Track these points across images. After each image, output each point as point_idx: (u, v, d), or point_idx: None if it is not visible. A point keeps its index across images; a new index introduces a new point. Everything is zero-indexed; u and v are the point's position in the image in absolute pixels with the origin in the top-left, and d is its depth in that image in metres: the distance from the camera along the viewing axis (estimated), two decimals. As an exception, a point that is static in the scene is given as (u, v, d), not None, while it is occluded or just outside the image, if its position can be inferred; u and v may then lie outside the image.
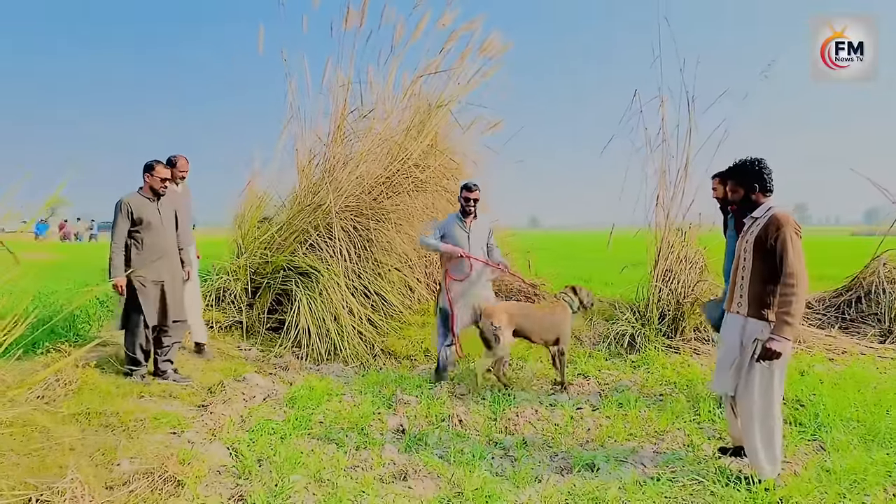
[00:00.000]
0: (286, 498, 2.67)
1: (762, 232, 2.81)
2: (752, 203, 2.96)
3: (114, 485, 2.70)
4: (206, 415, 3.86)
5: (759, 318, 2.82)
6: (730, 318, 3.02)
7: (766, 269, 2.81)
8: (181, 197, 4.87)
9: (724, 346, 3.05)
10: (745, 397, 2.86)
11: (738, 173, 2.99)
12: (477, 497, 2.70)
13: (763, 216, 2.87)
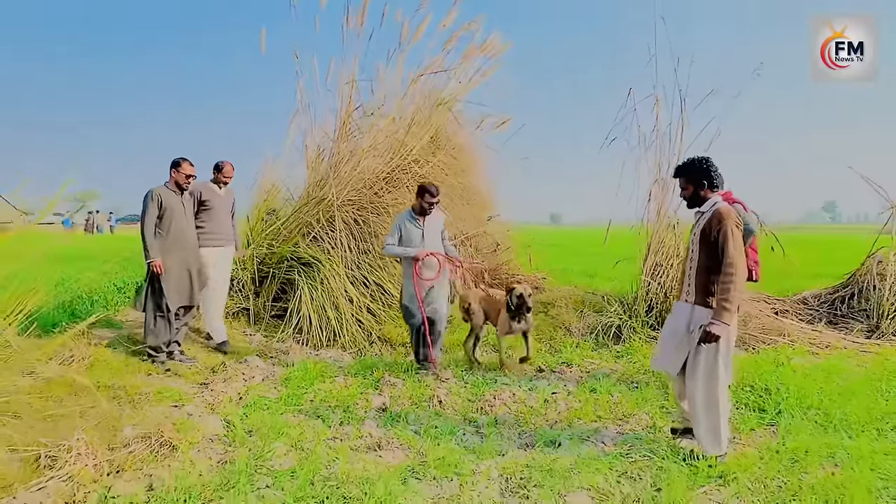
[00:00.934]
0: (266, 461, 2.97)
1: (706, 225, 3.04)
2: (700, 199, 3.17)
3: (115, 447, 3.02)
4: (207, 391, 4.20)
5: (705, 305, 3.04)
6: (678, 306, 3.25)
7: (709, 260, 3.02)
8: (224, 199, 5.27)
9: (669, 329, 3.26)
10: (691, 381, 3.08)
11: (688, 171, 3.19)
12: (439, 465, 2.96)
13: (708, 210, 3.10)
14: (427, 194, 4.73)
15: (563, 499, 2.69)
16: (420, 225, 4.80)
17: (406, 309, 4.86)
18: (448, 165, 8.14)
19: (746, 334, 5.94)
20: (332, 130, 7.46)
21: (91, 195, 55.56)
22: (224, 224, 5.26)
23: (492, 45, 7.93)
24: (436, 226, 4.92)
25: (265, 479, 2.80)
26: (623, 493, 2.76)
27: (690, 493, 2.73)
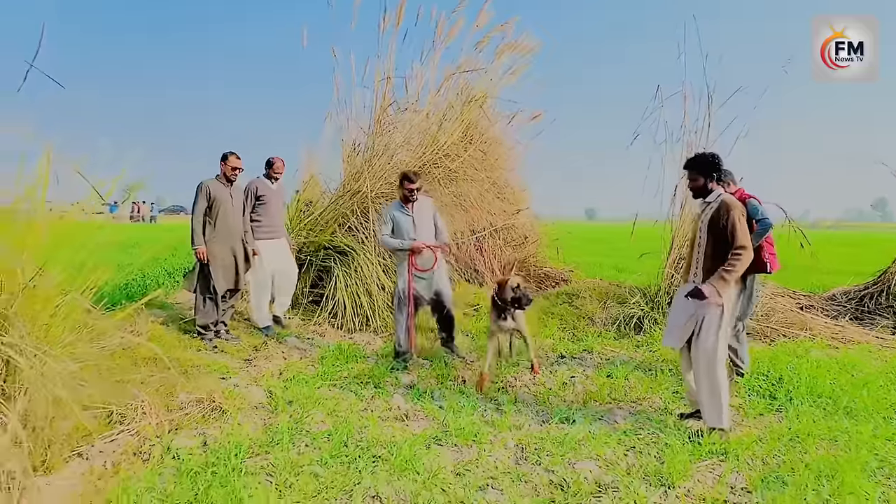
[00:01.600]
0: (305, 425, 3.31)
1: (715, 214, 3.32)
2: (706, 190, 3.42)
3: (172, 409, 3.41)
4: (250, 366, 4.60)
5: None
6: (685, 288, 3.50)
7: (717, 246, 3.30)
8: (277, 193, 5.65)
9: (677, 309, 3.53)
10: (696, 356, 3.35)
11: (699, 164, 3.44)
12: (460, 434, 3.24)
13: (715, 201, 3.38)
14: (406, 181, 4.80)
15: (572, 466, 2.94)
16: (409, 213, 4.83)
17: (399, 298, 4.88)
18: (479, 159, 8.38)
19: (768, 327, 6.04)
20: (367, 125, 7.80)
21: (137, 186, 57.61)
22: (277, 217, 5.63)
23: (523, 44, 8.16)
24: (426, 212, 4.93)
25: (304, 439, 3.14)
26: (628, 463, 3.00)
27: (691, 465, 2.95)
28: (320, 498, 2.51)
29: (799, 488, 2.68)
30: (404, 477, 2.74)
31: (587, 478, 2.81)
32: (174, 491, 2.47)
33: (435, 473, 2.76)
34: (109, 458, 2.82)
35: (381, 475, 2.74)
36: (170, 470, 2.71)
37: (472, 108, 7.82)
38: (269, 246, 5.53)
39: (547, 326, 6.24)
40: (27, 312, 2.81)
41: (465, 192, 7.82)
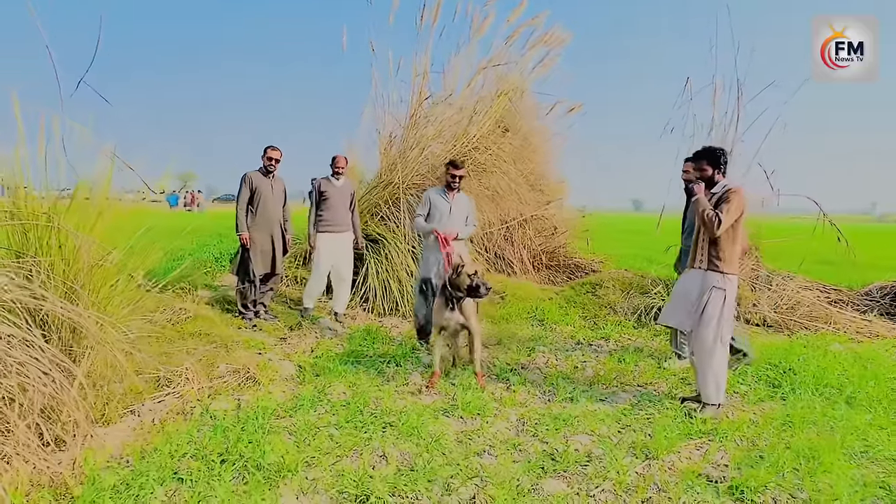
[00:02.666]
0: (326, 394, 3.67)
1: (718, 202, 3.52)
2: (713, 181, 3.63)
3: (213, 377, 3.84)
4: (284, 344, 5.02)
5: (715, 270, 3.55)
6: (692, 272, 3.70)
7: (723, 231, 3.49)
8: (340, 189, 5.90)
9: (682, 291, 3.74)
10: (699, 334, 3.56)
11: (710, 155, 3.65)
12: (466, 407, 3.53)
13: (721, 191, 3.57)
14: (452, 167, 4.94)
15: (566, 439, 3.19)
16: (449, 200, 4.96)
17: (424, 281, 5.01)
18: (512, 151, 8.59)
19: (791, 320, 6.07)
20: (402, 119, 8.13)
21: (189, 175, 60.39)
22: (339, 213, 5.83)
23: (554, 37, 8.30)
24: (463, 205, 5.06)
25: (324, 406, 3.50)
26: (620, 438, 3.23)
27: (679, 442, 3.15)
28: (333, 455, 2.85)
29: (777, 466, 2.85)
30: (409, 441, 3.05)
31: (578, 449, 3.05)
32: (209, 443, 2.86)
33: (437, 439, 3.06)
34: (157, 416, 3.24)
35: (389, 438, 3.07)
36: (207, 426, 3.11)
37: (503, 101, 8.03)
38: (327, 239, 5.82)
39: (568, 315, 6.43)
40: (92, 287, 3.26)
41: (496, 183, 8.05)
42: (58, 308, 2.87)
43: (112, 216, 3.52)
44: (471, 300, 4.16)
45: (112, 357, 3.17)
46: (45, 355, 2.71)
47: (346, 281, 6.03)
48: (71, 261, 3.13)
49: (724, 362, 3.54)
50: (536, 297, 7.18)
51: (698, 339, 3.57)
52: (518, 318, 6.37)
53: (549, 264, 9.11)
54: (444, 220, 4.91)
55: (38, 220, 3.08)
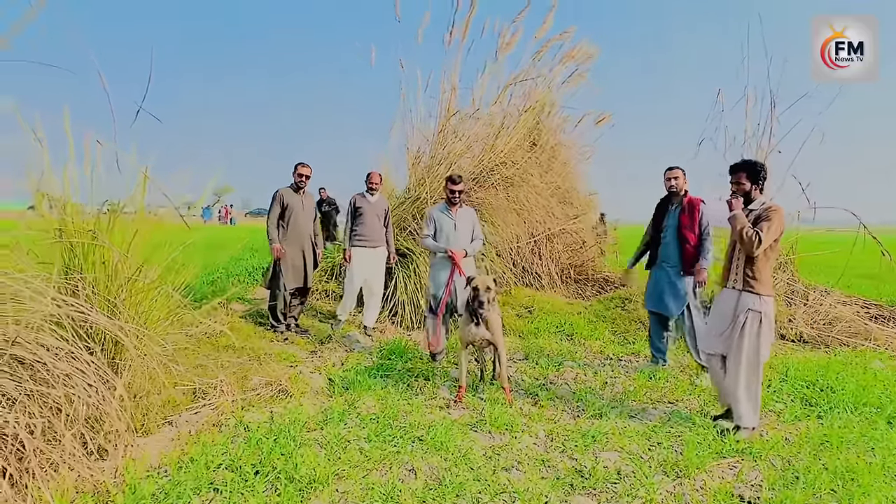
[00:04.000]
0: (356, 408, 3.72)
1: (756, 221, 3.40)
2: (750, 197, 3.53)
3: (246, 389, 3.93)
4: (315, 357, 5.10)
5: (753, 291, 3.43)
6: (725, 292, 3.61)
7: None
8: (374, 205, 5.96)
9: (717, 314, 3.63)
10: (735, 356, 3.46)
11: (751, 169, 3.53)
12: (494, 423, 3.54)
13: (759, 209, 3.47)
14: (449, 182, 4.94)
15: (596, 456, 3.17)
16: (452, 216, 4.96)
17: (434, 298, 4.99)
18: (539, 165, 8.62)
19: (829, 336, 5.91)
20: (430, 134, 8.24)
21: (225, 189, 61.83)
22: (373, 228, 5.90)
23: (581, 52, 8.33)
24: (467, 220, 5.03)
25: (354, 419, 3.55)
26: (650, 456, 3.19)
27: (711, 461, 3.10)
28: (363, 468, 2.89)
29: (813, 487, 2.78)
30: (437, 455, 3.07)
31: (607, 466, 3.03)
32: (243, 454, 2.93)
33: (465, 454, 3.08)
34: (193, 427, 3.34)
35: (418, 452, 3.10)
36: (241, 438, 3.19)
37: (531, 116, 8.07)
38: (360, 253, 5.88)
39: (597, 329, 6.38)
40: (131, 301, 3.39)
41: (523, 197, 8.07)
42: (101, 322, 3.00)
43: (151, 232, 3.66)
44: (497, 315, 4.18)
45: (151, 369, 3.29)
46: (90, 367, 2.82)
47: (376, 295, 6.08)
48: (113, 276, 3.27)
49: (759, 385, 3.44)
50: (565, 311, 7.14)
51: (733, 361, 3.47)
52: (546, 332, 6.35)
53: (578, 278, 9.05)
54: (451, 237, 4.92)
55: (84, 238, 3.23)
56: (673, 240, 4.76)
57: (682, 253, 4.71)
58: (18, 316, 2.70)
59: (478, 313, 4.07)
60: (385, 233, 6.06)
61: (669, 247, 4.79)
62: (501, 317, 4.42)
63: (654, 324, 5.04)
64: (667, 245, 4.81)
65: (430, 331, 5.03)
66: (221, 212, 36.38)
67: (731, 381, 3.49)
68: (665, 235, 4.83)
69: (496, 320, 4.16)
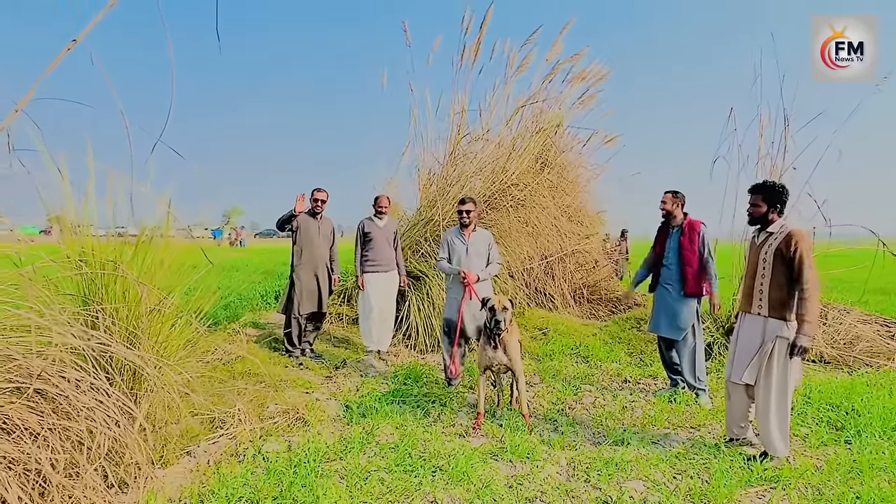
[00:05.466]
0: (375, 436, 3.68)
1: (782, 244, 3.33)
2: (767, 220, 3.46)
3: (263, 417, 3.90)
4: (330, 382, 5.07)
5: (780, 318, 3.36)
6: (750, 319, 3.52)
7: (784, 275, 3.33)
8: (383, 230, 5.99)
9: (741, 342, 3.55)
10: (765, 384, 3.38)
11: (770, 192, 3.45)
12: (515, 451, 3.49)
13: (779, 232, 3.39)
14: (459, 203, 4.96)
15: (620, 485, 3.10)
16: (465, 241, 4.93)
17: (447, 321, 5.00)
18: (550, 186, 8.63)
19: (850, 356, 5.81)
20: (441, 156, 8.29)
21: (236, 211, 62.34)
22: (383, 252, 5.93)
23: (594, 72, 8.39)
24: (481, 243, 4.98)
25: (373, 448, 3.51)
26: (676, 485, 3.12)
27: (739, 490, 3.03)
28: (385, 500, 2.85)
29: (847, 518, 2.70)
30: (460, 486, 3.02)
31: (633, 496, 2.97)
32: (263, 486, 2.90)
33: (488, 484, 3.03)
34: (212, 458, 3.31)
35: (440, 483, 3.05)
36: (260, 469, 3.16)
37: (542, 137, 8.11)
38: (372, 279, 5.90)
39: (613, 351, 6.32)
40: (151, 331, 3.39)
41: (534, 218, 8.07)
42: (122, 352, 3.00)
43: (170, 261, 3.68)
44: (515, 340, 4.13)
45: (170, 399, 3.28)
46: (110, 399, 2.82)
47: (389, 319, 6.08)
48: (134, 306, 3.28)
49: (789, 413, 3.36)
50: (580, 332, 7.08)
51: (763, 389, 3.39)
52: (561, 354, 6.29)
53: (591, 298, 9.01)
54: (462, 261, 4.90)
55: (104, 269, 3.24)
56: (674, 262, 4.78)
57: (682, 275, 4.71)
58: (42, 349, 2.71)
59: (495, 336, 4.03)
60: (395, 256, 6.07)
61: (671, 269, 4.80)
62: (521, 342, 4.36)
63: (660, 346, 5.01)
64: (668, 268, 4.83)
65: (445, 356, 4.99)
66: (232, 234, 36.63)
67: (761, 409, 3.41)
68: (667, 258, 4.85)
69: (515, 345, 4.11)
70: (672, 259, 4.77)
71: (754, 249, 3.54)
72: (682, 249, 4.69)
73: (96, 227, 3.49)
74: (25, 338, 2.69)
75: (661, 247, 4.92)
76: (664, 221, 4.95)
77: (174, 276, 3.74)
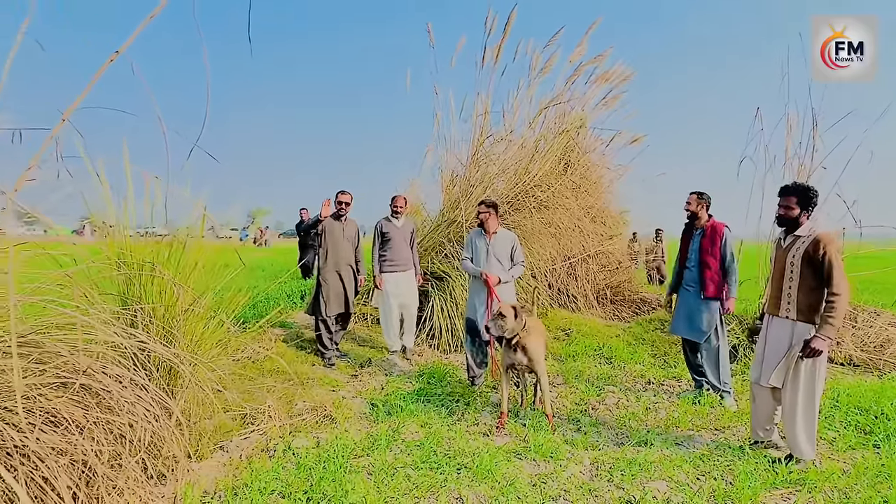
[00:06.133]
0: (401, 434, 3.76)
1: (810, 247, 3.30)
2: (797, 223, 3.44)
3: (292, 414, 4.02)
4: (356, 381, 5.17)
5: (809, 321, 3.32)
6: (777, 322, 3.50)
7: (814, 280, 3.29)
8: (401, 230, 6.10)
9: (769, 345, 3.53)
10: (791, 389, 3.36)
11: (802, 194, 3.42)
12: (538, 450, 3.54)
13: (807, 236, 3.36)
14: (478, 205, 5.05)
15: (643, 485, 3.13)
16: (487, 242, 4.96)
17: (469, 322, 5.06)
18: (572, 187, 8.63)
19: (881, 359, 5.72)
20: (464, 158, 8.35)
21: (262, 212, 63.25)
22: (401, 252, 6.06)
23: (617, 73, 8.36)
24: (504, 244, 4.99)
25: (399, 445, 3.59)
26: (699, 486, 3.14)
27: (763, 492, 3.03)
28: (411, 496, 2.93)
29: (874, 521, 2.69)
30: (484, 483, 3.09)
31: (656, 497, 2.99)
32: (294, 481, 3.00)
33: (512, 482, 3.09)
34: (243, 452, 3.43)
35: (464, 480, 3.12)
36: (290, 464, 3.26)
37: (565, 138, 8.12)
38: (391, 278, 6.02)
39: (637, 352, 6.31)
40: (186, 330, 3.52)
41: (557, 219, 8.08)
42: (159, 350, 3.13)
43: (204, 262, 3.81)
44: (536, 343, 4.15)
45: (204, 395, 3.41)
46: (149, 394, 2.94)
47: (412, 316, 6.20)
48: (171, 306, 3.41)
49: (816, 416, 3.34)
50: (603, 333, 7.08)
51: (790, 393, 3.38)
52: (584, 355, 6.30)
53: (615, 299, 8.98)
54: (483, 261, 4.95)
55: (142, 270, 3.38)
56: (696, 265, 4.78)
57: (703, 277, 4.70)
58: (87, 346, 2.84)
59: (511, 341, 4.10)
60: (412, 255, 6.19)
61: (692, 271, 4.80)
62: (546, 342, 4.40)
63: (684, 348, 5.01)
64: (690, 269, 4.84)
65: (468, 356, 5.06)
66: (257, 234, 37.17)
67: (788, 412, 3.39)
68: (689, 260, 4.86)
69: (536, 346, 4.13)
70: (694, 261, 4.77)
71: (781, 252, 3.51)
72: (702, 251, 4.69)
73: (134, 228, 3.64)
74: (71, 335, 2.83)
75: (685, 249, 4.91)
76: (688, 223, 4.94)
77: (207, 277, 3.87)
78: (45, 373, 2.63)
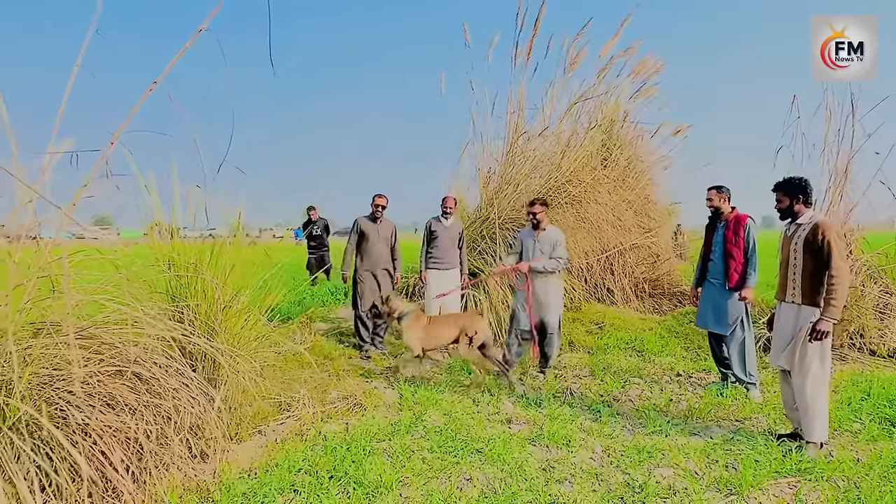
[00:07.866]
0: (423, 420, 4.01)
1: (809, 235, 3.46)
2: (793, 212, 3.59)
3: (325, 402, 4.33)
4: (390, 372, 5.45)
5: (813, 304, 3.47)
6: (784, 307, 3.64)
7: (815, 264, 3.44)
8: (448, 229, 6.36)
9: (779, 329, 3.67)
10: (800, 370, 3.48)
11: (787, 187, 3.63)
12: (553, 437, 3.70)
13: (808, 223, 3.52)
14: (528, 205, 5.35)
15: (649, 472, 3.25)
16: (535, 239, 5.31)
17: (514, 312, 5.50)
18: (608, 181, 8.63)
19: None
20: (499, 155, 8.50)
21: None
22: (447, 251, 6.30)
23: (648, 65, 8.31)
24: (549, 240, 5.26)
25: (420, 431, 3.84)
26: (706, 472, 3.23)
27: (769, 479, 3.10)
28: (424, 476, 3.17)
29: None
30: (494, 466, 3.29)
31: (660, 482, 3.12)
32: (320, 461, 3.30)
33: (521, 466, 3.28)
34: (279, 436, 3.76)
35: (476, 463, 3.33)
36: (319, 447, 3.57)
37: (598, 132, 8.14)
38: (436, 275, 6.29)
39: (668, 345, 6.33)
40: (227, 325, 3.89)
41: (592, 214, 8.12)
42: (202, 343, 3.49)
43: (241, 263, 4.17)
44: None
45: (244, 384, 3.76)
46: (193, 382, 3.30)
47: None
48: (213, 303, 3.78)
49: (826, 397, 3.43)
50: (636, 326, 7.11)
51: (799, 375, 3.47)
52: (615, 348, 6.37)
53: (654, 292, 8.92)
54: (529, 257, 5.28)
55: (188, 271, 3.76)
56: (720, 257, 4.81)
57: (727, 269, 4.72)
58: (138, 339, 3.22)
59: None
60: (459, 254, 6.40)
61: (717, 264, 4.83)
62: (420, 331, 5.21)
63: (710, 341, 5.02)
64: (714, 262, 4.87)
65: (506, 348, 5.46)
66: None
67: (798, 394, 3.49)
68: (713, 252, 4.90)
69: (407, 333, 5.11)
70: (717, 253, 4.79)
71: (786, 241, 3.68)
72: (725, 243, 4.71)
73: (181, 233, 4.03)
74: (125, 329, 3.21)
75: (709, 242, 4.94)
76: (712, 217, 4.96)
77: (245, 277, 4.22)
78: (103, 362, 3.02)
